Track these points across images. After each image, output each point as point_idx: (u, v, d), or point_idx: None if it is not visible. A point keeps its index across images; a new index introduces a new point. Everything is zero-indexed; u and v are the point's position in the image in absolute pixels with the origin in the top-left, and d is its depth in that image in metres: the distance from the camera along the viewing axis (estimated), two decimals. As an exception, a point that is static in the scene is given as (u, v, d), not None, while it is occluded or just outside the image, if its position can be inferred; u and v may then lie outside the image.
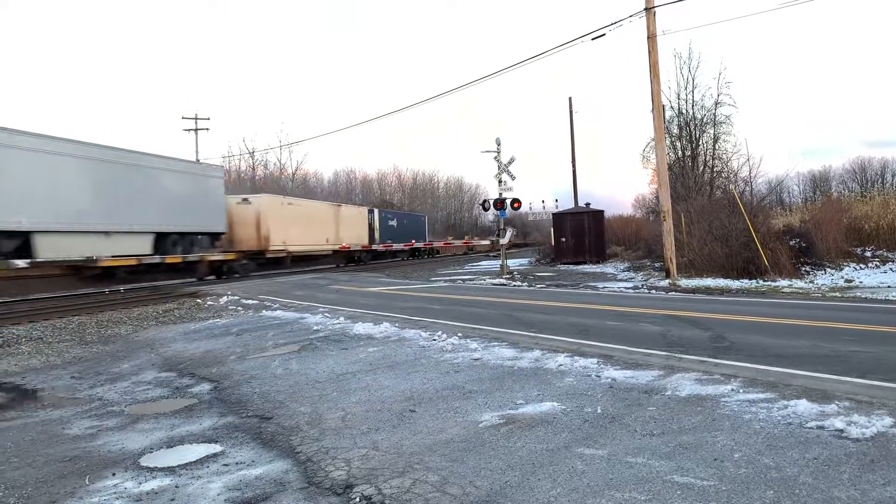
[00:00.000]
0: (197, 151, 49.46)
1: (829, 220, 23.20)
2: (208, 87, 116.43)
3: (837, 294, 15.35)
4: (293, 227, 32.82)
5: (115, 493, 4.46)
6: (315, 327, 11.97)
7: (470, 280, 24.98)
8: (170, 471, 4.83)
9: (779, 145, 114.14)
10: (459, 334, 10.07)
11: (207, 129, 50.37)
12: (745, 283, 18.29)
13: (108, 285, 22.09)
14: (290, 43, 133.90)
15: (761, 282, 18.43)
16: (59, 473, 4.95)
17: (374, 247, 43.73)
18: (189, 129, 49.37)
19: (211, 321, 14.36)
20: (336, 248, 38.24)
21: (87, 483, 4.69)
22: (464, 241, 66.75)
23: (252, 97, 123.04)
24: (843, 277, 19.01)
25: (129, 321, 14.91)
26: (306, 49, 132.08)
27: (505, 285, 22.04)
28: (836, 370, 6.72)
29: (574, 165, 39.77)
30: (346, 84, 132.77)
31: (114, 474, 4.83)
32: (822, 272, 20.04)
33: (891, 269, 20.75)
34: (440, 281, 25.22)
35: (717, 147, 35.27)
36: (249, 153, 79.53)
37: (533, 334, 10.05)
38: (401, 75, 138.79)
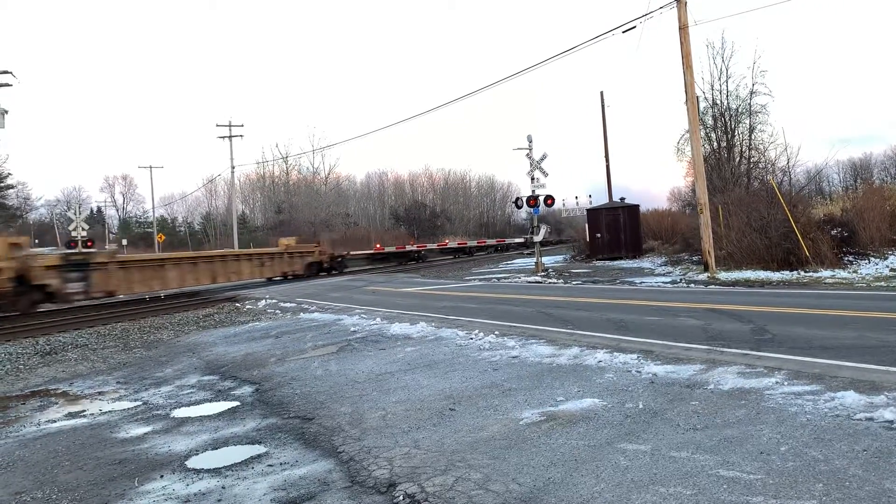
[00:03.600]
0: (232, 158, 50.16)
1: (871, 208, 22.56)
2: (241, 94, 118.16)
3: (882, 284, 14.97)
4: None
5: (163, 494, 4.55)
6: (352, 328, 12.07)
7: (504, 278, 24.91)
8: (216, 472, 4.92)
9: (817, 133, 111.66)
10: (496, 332, 10.06)
11: (241, 136, 50.84)
12: (785, 275, 17.93)
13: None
14: (321, 47, 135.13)
15: (803, 273, 18.05)
16: (108, 476, 5.07)
17: None
18: (223, 137, 49.99)
19: (250, 324, 14.56)
20: None
21: (137, 485, 4.80)
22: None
23: (284, 103, 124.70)
24: (888, 266, 18.49)
25: (170, 326, 15.19)
26: (337, 53, 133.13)
27: (540, 283, 21.94)
28: (884, 361, 6.55)
29: (607, 160, 39.42)
30: (376, 85, 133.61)
31: (162, 476, 4.94)
32: (866, 262, 19.52)
33: (938, 256, 20.14)
34: (475, 280, 25.20)
35: (753, 137, 34.55)
36: (283, 158, 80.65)
37: (570, 331, 10.00)
38: (431, 74, 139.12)
